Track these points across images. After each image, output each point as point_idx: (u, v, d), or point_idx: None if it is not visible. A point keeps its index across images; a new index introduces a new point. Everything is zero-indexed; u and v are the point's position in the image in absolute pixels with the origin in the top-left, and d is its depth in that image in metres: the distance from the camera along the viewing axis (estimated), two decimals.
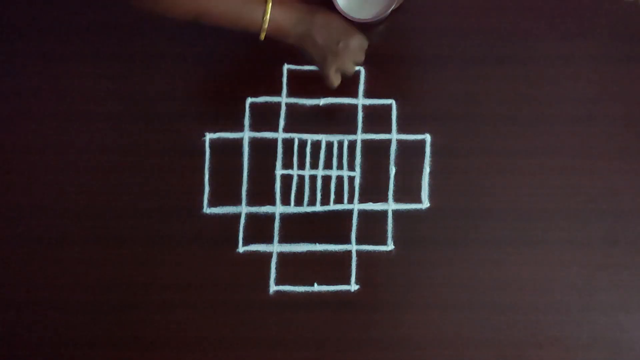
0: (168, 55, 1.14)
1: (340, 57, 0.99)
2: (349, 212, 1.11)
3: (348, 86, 1.13)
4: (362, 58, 1.03)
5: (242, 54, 1.16)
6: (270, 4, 0.96)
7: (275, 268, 1.10)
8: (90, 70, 1.15)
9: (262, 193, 1.12)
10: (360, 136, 1.13)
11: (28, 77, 1.15)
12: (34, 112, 1.14)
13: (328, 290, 1.09)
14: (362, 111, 1.13)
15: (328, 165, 1.13)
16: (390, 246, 1.10)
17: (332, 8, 1.11)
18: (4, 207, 1.12)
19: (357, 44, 1.02)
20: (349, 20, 1.04)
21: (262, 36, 0.97)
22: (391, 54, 1.16)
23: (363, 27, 1.14)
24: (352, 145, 1.13)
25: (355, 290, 1.09)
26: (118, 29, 1.14)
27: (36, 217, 1.11)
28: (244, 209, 1.11)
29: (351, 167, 1.12)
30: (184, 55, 1.14)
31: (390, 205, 1.11)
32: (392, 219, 1.11)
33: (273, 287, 1.09)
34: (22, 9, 1.16)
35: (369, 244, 1.10)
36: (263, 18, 0.95)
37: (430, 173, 1.12)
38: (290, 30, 0.98)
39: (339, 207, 1.11)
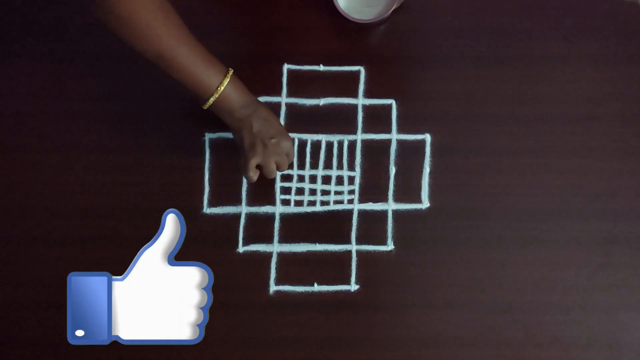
0: None
1: (267, 152, 1.00)
2: (349, 212, 1.11)
3: (348, 86, 1.13)
4: (284, 166, 1.04)
5: (242, 54, 1.16)
6: (229, 79, 0.97)
7: (275, 268, 1.10)
8: (90, 70, 1.15)
9: (262, 193, 1.11)
10: (360, 136, 1.13)
11: (28, 77, 1.15)
12: (34, 112, 1.14)
13: (328, 290, 1.09)
14: (362, 111, 1.13)
15: (328, 165, 1.13)
16: (390, 246, 1.10)
17: (333, 8, 1.12)
18: (4, 207, 1.12)
19: (288, 147, 1.03)
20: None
21: (208, 104, 0.98)
22: (391, 54, 1.16)
23: (363, 27, 1.14)
24: (352, 145, 1.13)
25: (355, 290, 1.09)
26: None
27: (36, 217, 1.11)
28: (244, 209, 1.11)
29: (351, 167, 1.12)
30: None
31: (390, 205, 1.11)
32: (392, 219, 1.10)
33: (273, 287, 1.09)
34: (22, 9, 1.16)
35: (369, 244, 1.10)
36: (217, 88, 0.96)
37: (430, 173, 1.12)
38: (236, 110, 0.99)
39: (339, 207, 1.11)
